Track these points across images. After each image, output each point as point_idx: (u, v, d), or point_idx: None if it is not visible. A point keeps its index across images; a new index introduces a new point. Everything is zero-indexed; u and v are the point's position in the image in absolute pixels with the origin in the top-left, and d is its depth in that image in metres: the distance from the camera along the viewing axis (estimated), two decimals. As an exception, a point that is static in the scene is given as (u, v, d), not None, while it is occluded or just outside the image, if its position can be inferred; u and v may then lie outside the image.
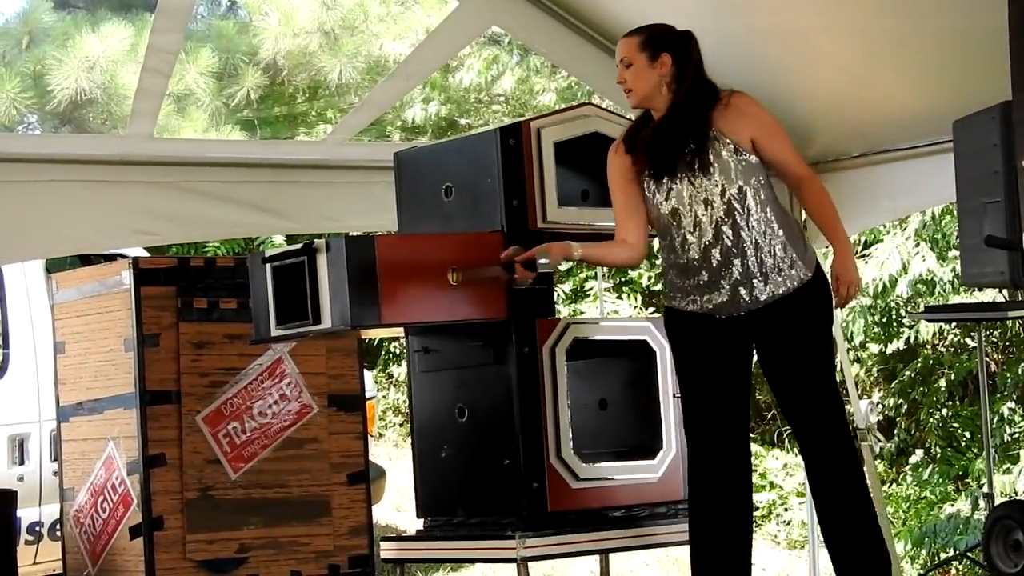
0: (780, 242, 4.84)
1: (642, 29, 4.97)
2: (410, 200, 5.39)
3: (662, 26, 4.98)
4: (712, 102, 4.88)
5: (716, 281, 4.84)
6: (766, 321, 4.84)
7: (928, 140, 6.73)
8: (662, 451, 5.32)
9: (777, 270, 4.82)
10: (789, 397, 4.91)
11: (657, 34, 4.94)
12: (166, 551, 5.59)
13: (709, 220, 4.82)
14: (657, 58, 4.89)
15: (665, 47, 4.90)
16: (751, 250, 4.81)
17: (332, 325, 4.84)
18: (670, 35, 4.95)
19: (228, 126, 12.68)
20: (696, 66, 4.91)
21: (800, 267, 4.85)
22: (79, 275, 5.99)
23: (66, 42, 12.44)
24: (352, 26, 13.16)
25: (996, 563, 5.93)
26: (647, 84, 4.89)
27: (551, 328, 5.11)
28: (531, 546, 4.96)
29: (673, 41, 4.93)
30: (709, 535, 4.88)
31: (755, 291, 4.82)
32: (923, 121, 6.63)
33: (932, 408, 12.13)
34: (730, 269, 4.82)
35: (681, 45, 4.92)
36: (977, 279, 6.05)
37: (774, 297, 4.82)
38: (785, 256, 4.84)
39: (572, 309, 13.20)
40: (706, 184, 4.82)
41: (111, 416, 5.72)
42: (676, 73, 4.89)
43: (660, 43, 4.91)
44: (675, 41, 4.93)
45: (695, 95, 4.88)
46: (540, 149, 5.14)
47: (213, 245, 12.09)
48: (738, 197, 4.81)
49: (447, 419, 5.20)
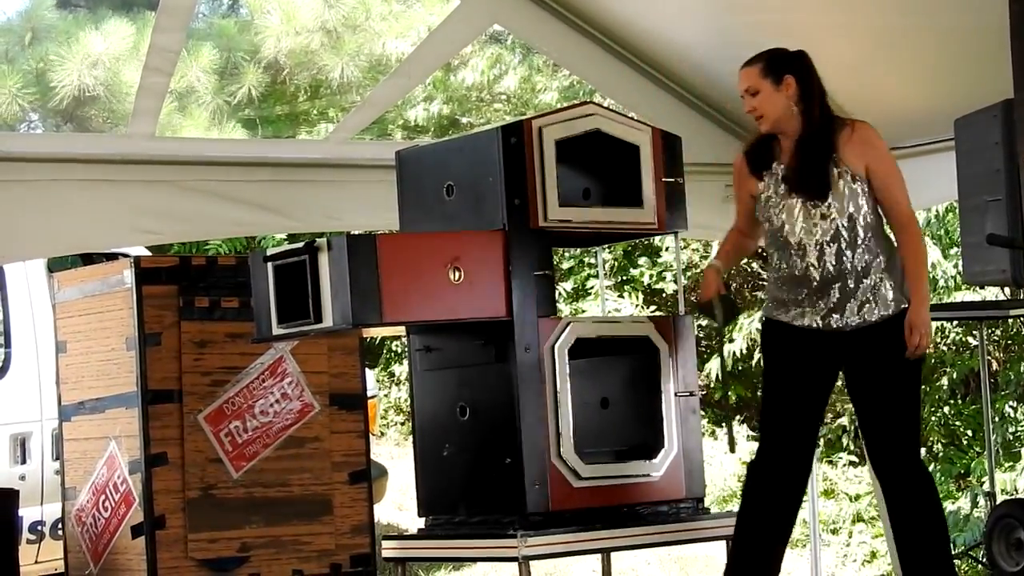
0: (880, 271, 4.99)
1: (759, 56, 5.11)
2: (412, 199, 5.39)
3: (778, 50, 5.12)
4: (838, 128, 5.04)
5: (814, 300, 5.02)
6: (857, 345, 5.00)
7: (930, 138, 6.73)
8: (663, 450, 5.31)
9: (873, 297, 4.98)
10: (869, 422, 5.06)
11: (776, 58, 5.08)
12: (168, 550, 5.59)
13: (816, 241, 5.00)
14: (781, 81, 5.04)
15: (787, 69, 5.06)
16: (851, 275, 4.98)
17: (333, 324, 4.83)
18: (788, 57, 5.10)
19: (230, 125, 12.68)
20: (819, 83, 5.08)
21: (896, 297, 4.99)
22: (81, 274, 5.99)
23: (68, 40, 12.44)
24: (354, 24, 13.16)
25: (998, 561, 5.93)
26: (777, 108, 5.04)
27: (553, 327, 5.11)
28: (532, 545, 4.96)
29: (793, 62, 5.09)
30: (754, 533, 5.08)
31: (848, 315, 4.99)
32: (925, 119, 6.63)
33: (934, 406, 12.13)
34: (829, 291, 5.00)
35: (801, 65, 5.08)
36: (979, 277, 6.06)
37: (866, 323, 4.98)
38: (883, 284, 4.99)
39: (574, 308, 13.19)
40: (820, 207, 4.98)
41: (113, 415, 5.71)
42: (801, 93, 5.04)
43: (781, 66, 5.06)
44: (795, 62, 5.09)
45: (826, 120, 5.05)
46: (542, 148, 5.14)
47: (215, 244, 12.10)
48: (847, 224, 4.98)
49: (449, 418, 5.20)
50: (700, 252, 13.54)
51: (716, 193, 7.74)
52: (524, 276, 5.05)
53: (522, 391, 5.01)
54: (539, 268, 5.11)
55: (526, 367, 5.03)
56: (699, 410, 5.42)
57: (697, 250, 13.54)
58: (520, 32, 7.93)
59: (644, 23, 6.94)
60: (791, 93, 5.03)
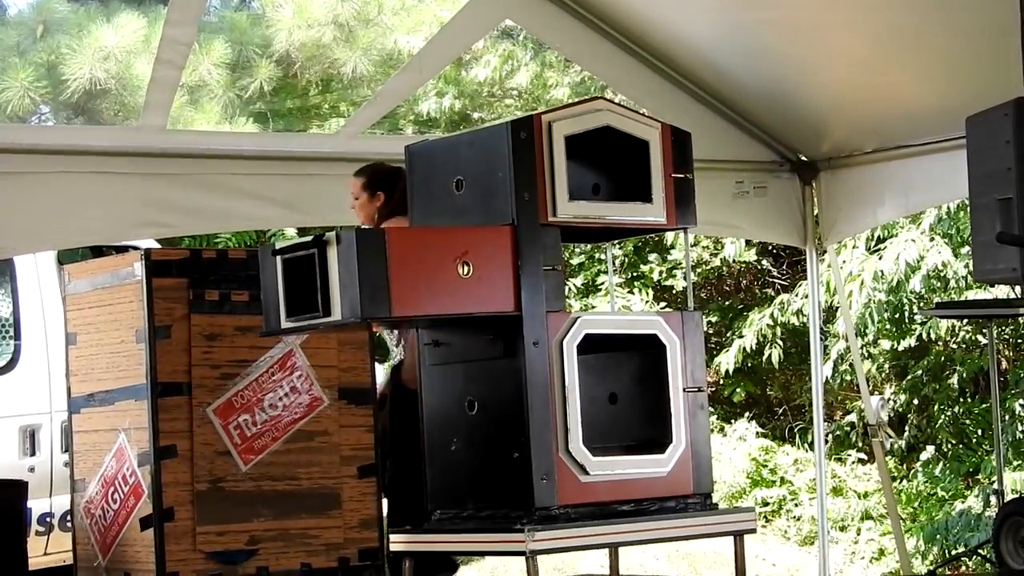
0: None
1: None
2: (421, 193, 5.39)
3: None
4: None
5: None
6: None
7: (941, 136, 6.72)
8: (672, 445, 5.31)
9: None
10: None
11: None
12: (176, 542, 5.60)
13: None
14: None
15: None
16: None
17: (342, 318, 4.83)
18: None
19: (241, 118, 12.70)
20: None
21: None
22: (91, 266, 6.00)
23: (80, 33, 12.47)
24: (366, 19, 13.17)
25: (1006, 559, 5.93)
26: None
27: (561, 322, 5.11)
28: (540, 539, 4.95)
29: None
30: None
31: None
32: (936, 117, 6.63)
33: (943, 405, 12.12)
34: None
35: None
36: (989, 275, 6.04)
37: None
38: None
39: (583, 303, 13.20)
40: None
41: (122, 407, 5.72)
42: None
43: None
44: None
45: None
46: (551, 143, 5.13)
47: (225, 237, 12.12)
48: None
49: (457, 412, 5.20)
50: (710, 249, 13.54)
51: (726, 189, 7.76)
52: (533, 271, 5.05)
53: (530, 386, 5.01)
54: (548, 263, 5.10)
55: (534, 362, 5.03)
56: (707, 406, 5.41)
57: (707, 247, 13.54)
58: (532, 27, 7.94)
59: (655, 19, 6.95)
60: None
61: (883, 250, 11.61)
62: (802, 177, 8.01)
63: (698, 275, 13.63)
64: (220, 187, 6.64)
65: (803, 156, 7.99)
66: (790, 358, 13.00)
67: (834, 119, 7.47)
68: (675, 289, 13.58)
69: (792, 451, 12.87)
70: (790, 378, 13.63)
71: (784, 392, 13.69)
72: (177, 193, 6.55)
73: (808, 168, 7.99)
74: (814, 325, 8.34)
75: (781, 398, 13.76)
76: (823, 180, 7.99)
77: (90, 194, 6.40)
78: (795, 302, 12.41)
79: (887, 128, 7.26)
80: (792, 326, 12.59)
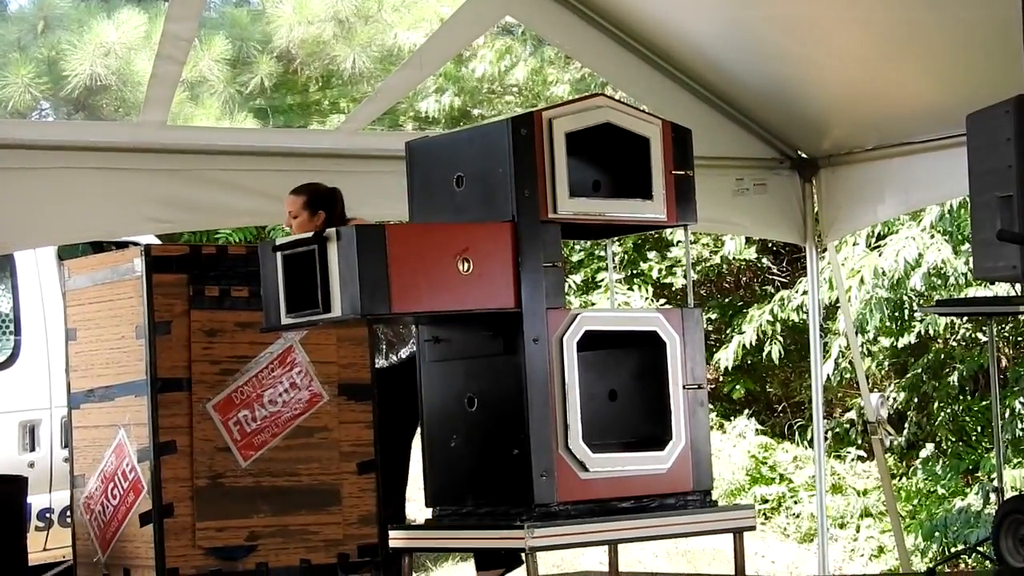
0: None
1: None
2: (421, 189, 5.39)
3: None
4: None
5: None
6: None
7: (942, 134, 6.72)
8: (671, 442, 5.31)
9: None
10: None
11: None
12: (176, 538, 5.60)
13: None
14: None
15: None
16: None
17: (342, 314, 4.84)
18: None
19: (241, 114, 12.69)
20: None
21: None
22: (91, 262, 6.00)
23: (81, 28, 12.46)
24: (366, 15, 13.17)
25: (1005, 557, 5.93)
26: None
27: (561, 318, 5.11)
28: (540, 536, 4.96)
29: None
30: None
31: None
32: (937, 114, 6.63)
33: (943, 402, 12.13)
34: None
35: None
36: (989, 273, 6.04)
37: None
38: None
39: (583, 300, 13.20)
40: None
41: (122, 403, 5.72)
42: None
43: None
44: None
45: None
46: (552, 139, 5.13)
47: (225, 233, 12.11)
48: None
49: (456, 409, 5.20)
50: (710, 246, 13.54)
51: (726, 187, 7.75)
52: (533, 267, 5.05)
53: (530, 383, 5.01)
54: (548, 260, 5.10)
55: (534, 359, 5.03)
56: (707, 403, 5.41)
57: (707, 244, 13.54)
58: (532, 24, 7.94)
59: (655, 16, 6.95)
60: None
61: (883, 247, 11.61)
62: (802, 174, 8.01)
63: (698, 272, 13.63)
64: (220, 183, 6.64)
65: (803, 153, 7.99)
66: (790, 355, 13.00)
67: (834, 116, 7.47)
68: (675, 286, 13.58)
69: (792, 448, 12.88)
70: (790, 375, 13.64)
71: (784, 389, 13.70)
72: (177, 189, 6.56)
73: (808, 165, 7.99)
74: (814, 322, 8.35)
75: (781, 395, 13.76)
76: (823, 177, 7.99)
77: (90, 190, 6.40)
78: (795, 299, 12.41)
79: (887, 125, 7.25)
80: (792, 323, 12.59)
